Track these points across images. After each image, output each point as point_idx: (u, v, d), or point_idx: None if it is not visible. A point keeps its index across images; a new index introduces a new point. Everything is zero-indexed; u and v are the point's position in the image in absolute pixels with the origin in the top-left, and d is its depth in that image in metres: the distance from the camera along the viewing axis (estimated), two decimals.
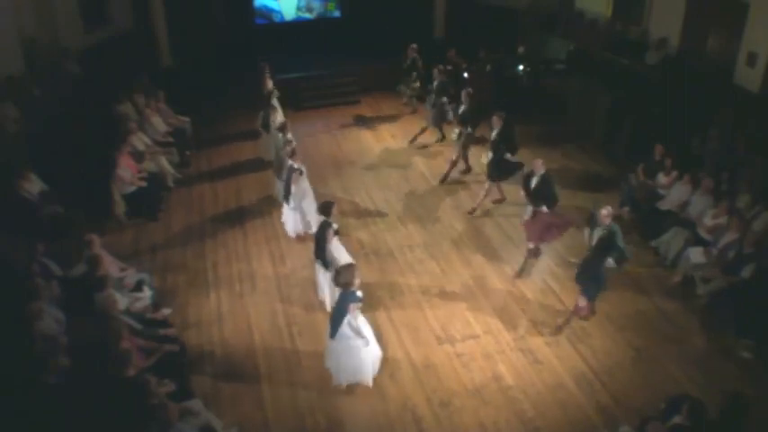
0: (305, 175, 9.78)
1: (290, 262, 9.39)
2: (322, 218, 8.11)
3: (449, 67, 13.28)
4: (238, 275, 9.14)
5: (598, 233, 7.69)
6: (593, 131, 12.91)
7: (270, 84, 12.65)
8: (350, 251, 8.58)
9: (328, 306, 8.23)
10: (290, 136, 10.71)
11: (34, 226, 8.76)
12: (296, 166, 9.59)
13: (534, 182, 8.95)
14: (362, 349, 6.96)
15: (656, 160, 10.20)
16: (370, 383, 7.17)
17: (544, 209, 8.90)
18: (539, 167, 8.93)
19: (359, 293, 6.91)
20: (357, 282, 6.90)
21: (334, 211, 8.15)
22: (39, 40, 12.27)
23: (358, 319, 6.94)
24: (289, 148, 10.01)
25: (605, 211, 7.65)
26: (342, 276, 6.89)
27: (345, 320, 6.78)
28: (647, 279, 8.96)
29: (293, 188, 9.49)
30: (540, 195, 8.90)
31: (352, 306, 6.78)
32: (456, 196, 11.17)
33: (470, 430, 6.72)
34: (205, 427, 6.14)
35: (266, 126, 11.71)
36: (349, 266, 7.09)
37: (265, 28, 16.71)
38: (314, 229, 8.80)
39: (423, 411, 6.92)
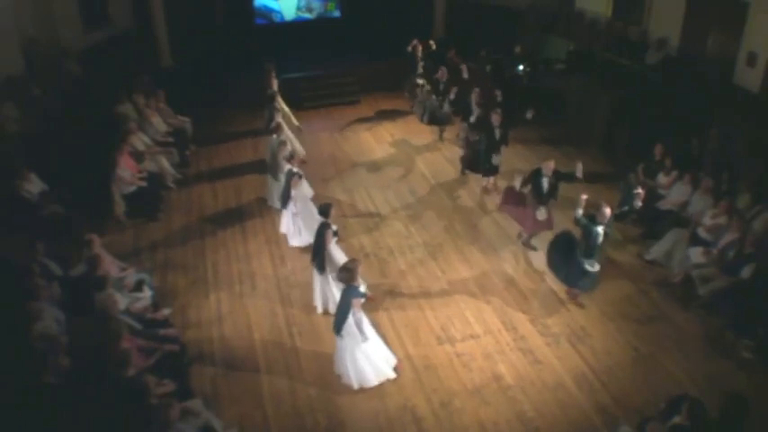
0: (304, 179, 9.74)
1: (290, 262, 9.39)
2: (321, 219, 8.11)
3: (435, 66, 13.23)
4: (238, 276, 9.14)
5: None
6: (593, 131, 12.90)
7: (275, 84, 12.64)
8: (350, 252, 8.58)
9: (319, 308, 8.31)
10: (283, 137, 10.69)
11: (34, 226, 8.75)
12: (294, 169, 9.54)
13: (546, 184, 9.08)
14: (363, 346, 7.02)
15: (656, 160, 10.21)
16: (374, 383, 7.20)
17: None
18: (550, 168, 9.04)
19: (362, 289, 6.94)
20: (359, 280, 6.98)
21: (333, 212, 8.16)
22: (39, 40, 12.27)
23: (360, 316, 6.98)
24: (286, 152, 9.97)
25: (608, 210, 7.81)
26: (345, 270, 6.95)
27: (349, 317, 6.84)
28: (647, 279, 8.96)
29: (293, 192, 9.43)
30: (553, 194, 9.20)
31: (356, 302, 6.83)
32: (456, 196, 11.17)
33: (470, 430, 6.72)
34: (205, 427, 6.14)
35: (269, 126, 11.69)
36: (353, 261, 7.17)
37: (265, 28, 16.70)
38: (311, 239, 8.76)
39: (423, 411, 6.92)
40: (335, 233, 8.06)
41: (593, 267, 8.12)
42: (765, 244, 8.15)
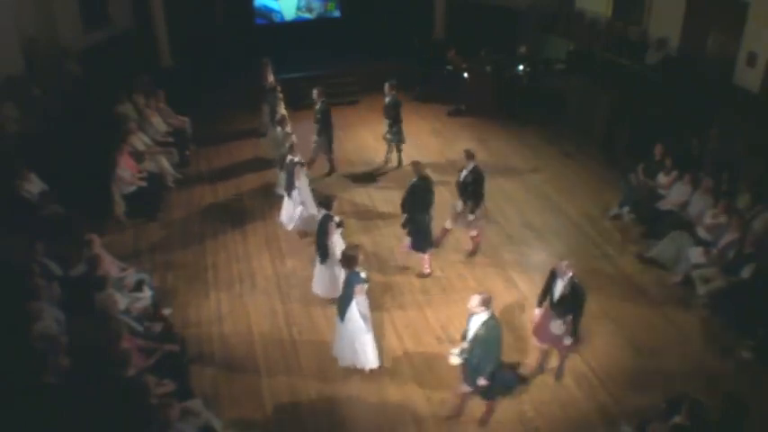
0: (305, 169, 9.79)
1: (290, 262, 9.39)
2: (323, 211, 8.15)
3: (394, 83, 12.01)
4: (238, 275, 9.14)
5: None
6: (593, 131, 12.90)
7: (271, 78, 12.64)
8: None
9: (315, 290, 8.41)
10: (288, 129, 10.73)
11: (34, 226, 8.75)
12: (296, 159, 9.62)
13: (559, 289, 6.82)
14: (366, 334, 7.10)
15: (656, 160, 10.21)
16: (367, 369, 7.27)
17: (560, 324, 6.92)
18: (564, 270, 6.78)
19: (363, 274, 6.99)
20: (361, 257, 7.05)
21: (336, 204, 8.24)
22: (39, 40, 12.27)
23: (365, 303, 7.04)
24: (288, 144, 10.02)
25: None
26: (346, 256, 7.02)
27: (353, 303, 6.91)
28: (647, 279, 8.95)
29: (297, 182, 9.52)
30: (567, 306, 6.84)
31: (359, 288, 6.88)
32: (456, 197, 11.13)
33: (470, 430, 6.71)
34: (205, 427, 6.14)
35: (273, 118, 11.64)
36: (353, 248, 7.24)
37: (265, 28, 16.70)
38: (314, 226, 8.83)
39: (423, 411, 6.92)
40: (339, 224, 8.13)
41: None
42: (765, 244, 8.15)
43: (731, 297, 7.95)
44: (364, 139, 13.49)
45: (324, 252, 8.09)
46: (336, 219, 8.13)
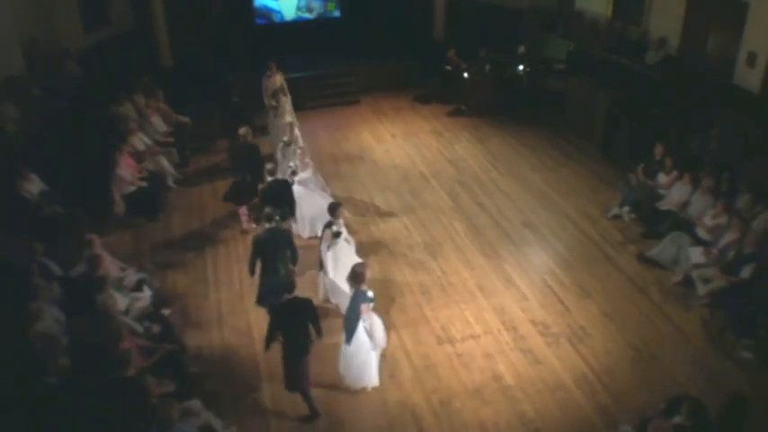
0: (307, 173, 9.79)
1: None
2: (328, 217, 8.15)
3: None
4: (238, 275, 9.13)
5: None
6: (593, 131, 12.90)
7: (280, 80, 12.63)
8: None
9: (320, 294, 8.34)
10: (295, 127, 10.77)
11: (34, 226, 8.75)
12: (291, 164, 9.66)
13: None
14: (371, 352, 6.99)
15: (656, 160, 10.22)
16: (370, 387, 7.16)
17: None
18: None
19: (370, 293, 6.89)
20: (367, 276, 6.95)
21: (341, 212, 8.20)
22: (39, 40, 12.28)
23: (371, 321, 6.96)
24: (297, 150, 10.08)
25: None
26: (352, 273, 6.92)
27: (360, 325, 6.78)
28: (647, 279, 8.95)
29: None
30: None
31: (364, 307, 6.77)
32: (456, 196, 11.16)
33: (470, 430, 6.71)
34: (205, 427, 6.15)
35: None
36: (360, 265, 7.15)
37: (265, 28, 16.70)
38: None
39: (423, 411, 6.92)
40: (336, 234, 8.03)
41: None
42: (765, 244, 8.15)
43: (731, 297, 7.94)
44: (365, 138, 13.50)
45: (319, 259, 8.01)
46: (334, 228, 7.97)
